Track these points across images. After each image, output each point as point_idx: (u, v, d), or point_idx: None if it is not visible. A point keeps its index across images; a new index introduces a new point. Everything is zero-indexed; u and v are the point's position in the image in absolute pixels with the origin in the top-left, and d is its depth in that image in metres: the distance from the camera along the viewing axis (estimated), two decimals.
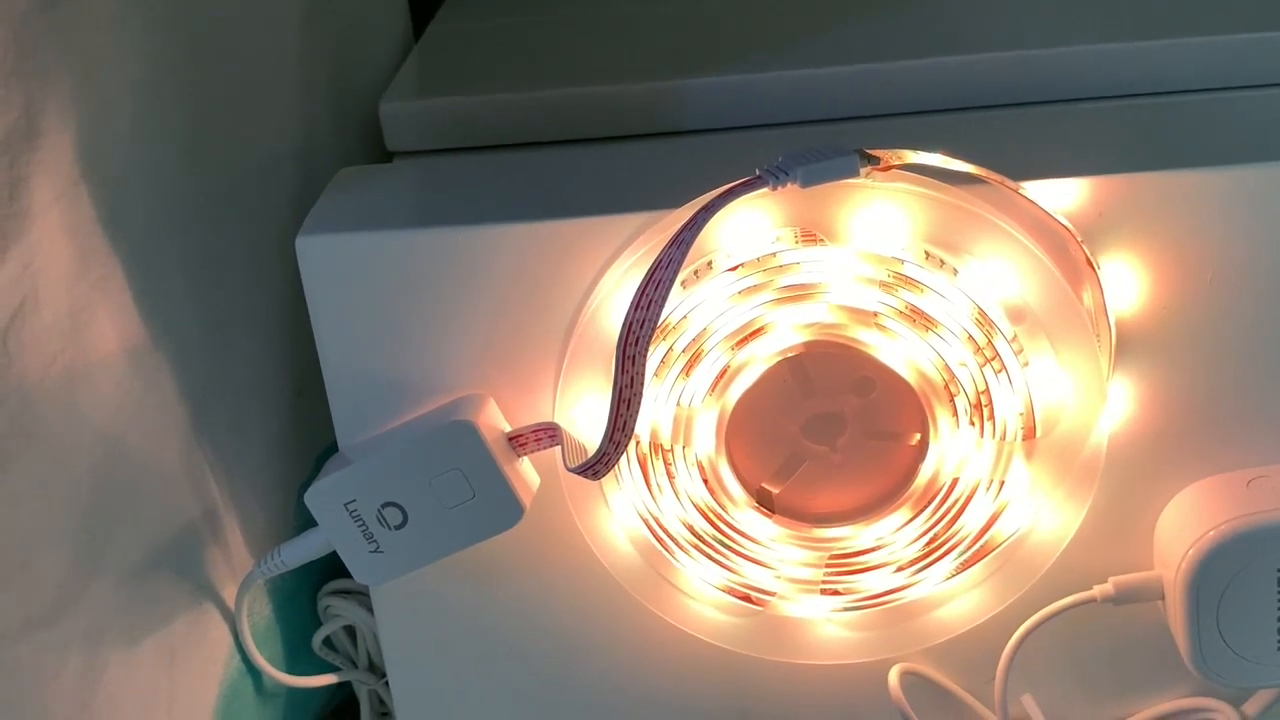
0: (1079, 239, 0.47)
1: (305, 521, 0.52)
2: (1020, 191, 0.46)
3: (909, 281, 0.47)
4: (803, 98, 0.56)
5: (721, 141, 0.56)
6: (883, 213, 0.47)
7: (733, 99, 0.57)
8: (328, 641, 0.63)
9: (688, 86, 0.57)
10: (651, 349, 0.45)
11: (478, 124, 0.57)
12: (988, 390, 0.48)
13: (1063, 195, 0.47)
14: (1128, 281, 0.49)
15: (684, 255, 0.43)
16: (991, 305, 0.47)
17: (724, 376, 0.49)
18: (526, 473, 0.51)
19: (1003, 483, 0.49)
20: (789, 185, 0.44)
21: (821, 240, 0.47)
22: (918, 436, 0.50)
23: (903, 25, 0.61)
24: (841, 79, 0.56)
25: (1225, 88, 0.55)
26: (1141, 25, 0.57)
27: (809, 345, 0.49)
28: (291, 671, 0.59)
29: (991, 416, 0.48)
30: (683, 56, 0.61)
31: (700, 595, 0.53)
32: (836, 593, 0.51)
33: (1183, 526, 0.51)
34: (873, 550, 0.51)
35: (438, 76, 0.62)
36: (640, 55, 0.62)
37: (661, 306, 0.43)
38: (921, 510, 0.50)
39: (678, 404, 0.49)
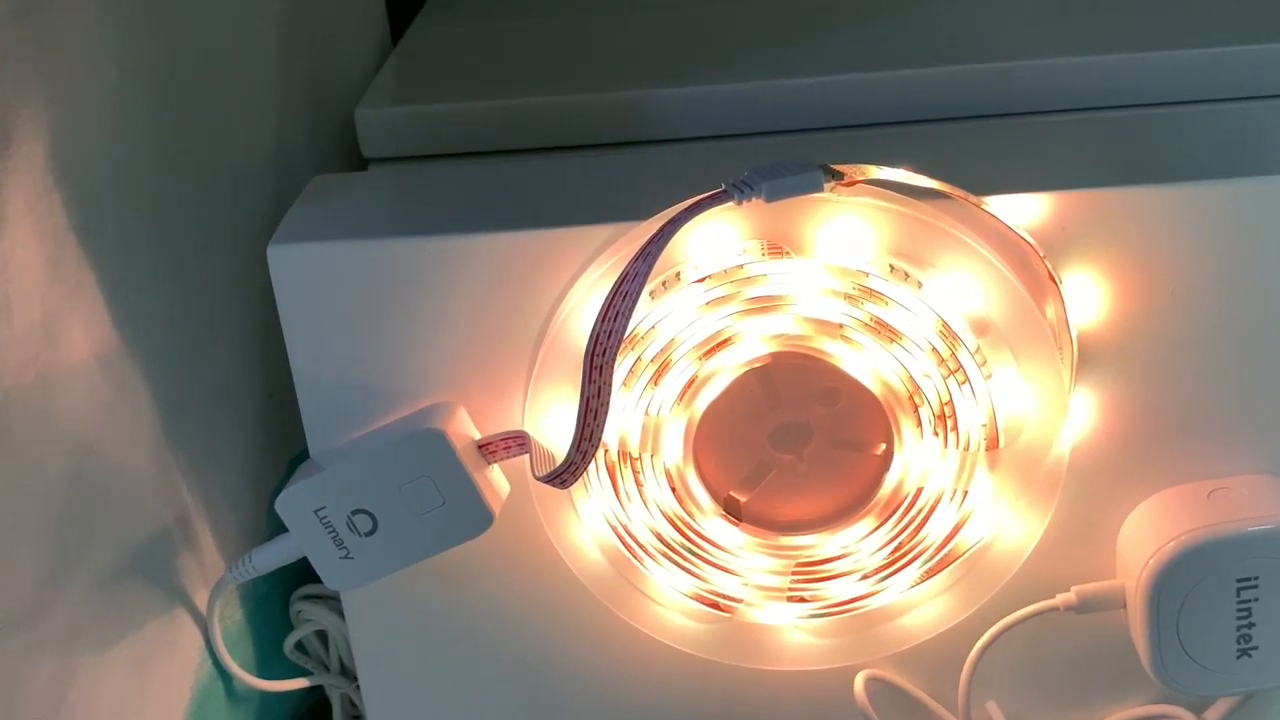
0: (1041, 254, 0.47)
1: (277, 526, 0.52)
2: (983, 207, 0.47)
3: (874, 294, 0.48)
4: (772, 108, 0.57)
5: (694, 151, 0.57)
6: (848, 226, 0.47)
7: (706, 109, 0.58)
8: (300, 646, 0.63)
9: (660, 96, 0.57)
10: (619, 359, 0.46)
11: (453, 131, 0.58)
12: (951, 401, 0.49)
13: (1026, 210, 0.48)
14: (1090, 295, 0.49)
15: (650, 268, 0.43)
16: (955, 318, 0.48)
17: (692, 386, 0.50)
18: (496, 480, 0.51)
19: (966, 492, 0.50)
20: (754, 200, 0.44)
21: (788, 253, 0.48)
22: (883, 446, 0.50)
23: (870, 38, 0.62)
24: (810, 90, 0.57)
25: (1188, 102, 0.56)
26: (1105, 39, 0.58)
27: (776, 356, 0.49)
28: (263, 675, 0.59)
29: (955, 427, 0.49)
30: (656, 66, 0.61)
31: (668, 602, 0.53)
32: (803, 600, 0.52)
33: (1144, 536, 0.51)
34: (838, 558, 0.52)
35: (414, 83, 0.62)
36: (615, 64, 0.63)
37: (628, 319, 0.43)
38: (886, 519, 0.51)
39: (646, 413, 0.50)
